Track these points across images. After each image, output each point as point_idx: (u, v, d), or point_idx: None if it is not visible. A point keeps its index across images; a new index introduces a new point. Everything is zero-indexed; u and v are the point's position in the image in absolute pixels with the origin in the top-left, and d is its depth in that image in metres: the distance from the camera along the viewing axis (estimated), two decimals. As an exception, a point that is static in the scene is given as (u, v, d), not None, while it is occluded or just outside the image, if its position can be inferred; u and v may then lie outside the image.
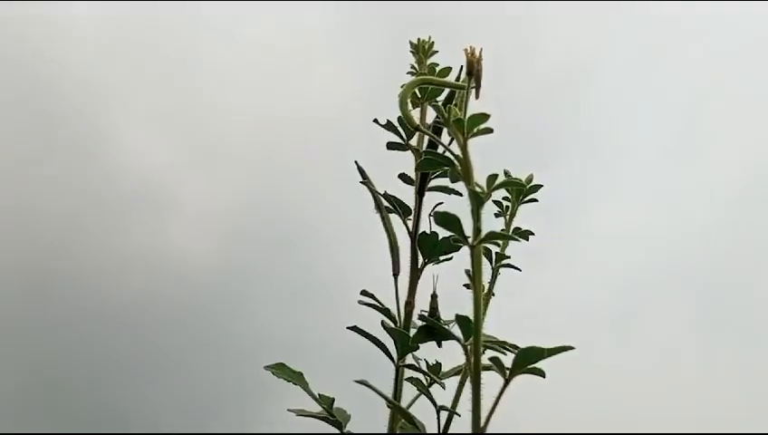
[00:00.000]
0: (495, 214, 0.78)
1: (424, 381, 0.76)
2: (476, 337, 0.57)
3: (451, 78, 0.86)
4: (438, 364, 0.77)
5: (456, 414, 0.71)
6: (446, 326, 0.65)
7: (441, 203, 0.83)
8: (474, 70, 0.62)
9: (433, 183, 0.83)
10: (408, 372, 0.75)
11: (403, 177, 0.84)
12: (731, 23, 2.19)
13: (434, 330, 0.63)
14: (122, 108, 2.39)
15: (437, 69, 0.87)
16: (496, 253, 0.76)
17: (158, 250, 2.41)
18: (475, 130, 0.62)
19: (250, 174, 2.41)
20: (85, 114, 2.37)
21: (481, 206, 0.58)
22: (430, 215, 0.82)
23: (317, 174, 2.33)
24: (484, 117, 0.62)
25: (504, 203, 0.78)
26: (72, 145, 2.37)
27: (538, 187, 0.76)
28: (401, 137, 0.84)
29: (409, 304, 0.78)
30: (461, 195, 0.82)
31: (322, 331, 2.35)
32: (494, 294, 0.75)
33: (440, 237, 0.78)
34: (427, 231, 0.79)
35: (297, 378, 0.77)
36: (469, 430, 0.73)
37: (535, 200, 0.76)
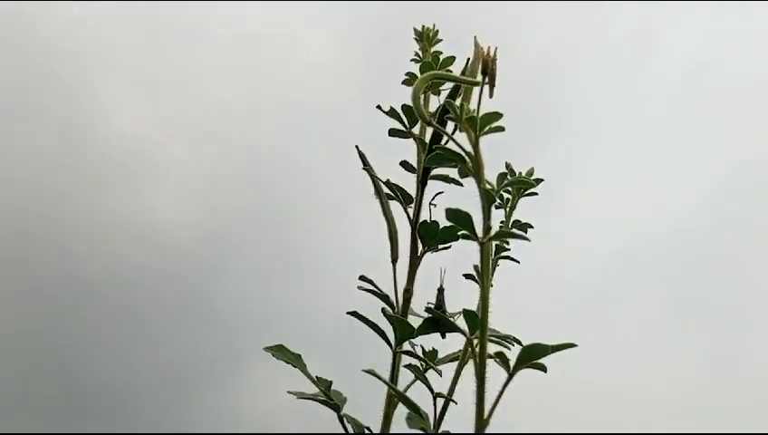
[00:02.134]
0: (496, 206, 0.79)
1: (420, 367, 0.78)
2: (483, 332, 0.59)
3: (455, 68, 0.87)
4: (435, 351, 0.78)
5: (453, 402, 0.73)
6: (452, 319, 0.66)
7: (441, 192, 0.84)
8: (488, 69, 0.62)
9: (434, 171, 0.84)
10: (406, 359, 0.77)
11: (405, 164, 0.85)
12: (719, 12, 2.21)
13: (439, 322, 0.65)
14: (106, 76, 2.36)
15: (441, 57, 0.87)
16: (496, 245, 0.77)
17: (138, 219, 2.39)
18: (487, 128, 0.63)
19: (233, 145, 2.40)
20: (67, 82, 2.33)
21: (492, 203, 0.59)
22: (431, 203, 0.83)
23: (301, 148, 2.33)
24: (497, 115, 0.63)
25: (505, 195, 0.79)
26: (53, 113, 2.34)
27: (539, 180, 0.77)
28: (404, 125, 0.85)
29: (408, 292, 0.80)
30: (462, 185, 0.83)
31: (300, 304, 2.36)
32: (492, 286, 0.77)
33: (441, 227, 0.79)
34: (428, 219, 0.80)
35: (296, 360, 0.78)
36: (465, 418, 0.76)
37: (535, 194, 0.78)
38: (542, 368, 0.60)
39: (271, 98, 2.34)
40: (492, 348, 0.60)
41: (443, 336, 0.68)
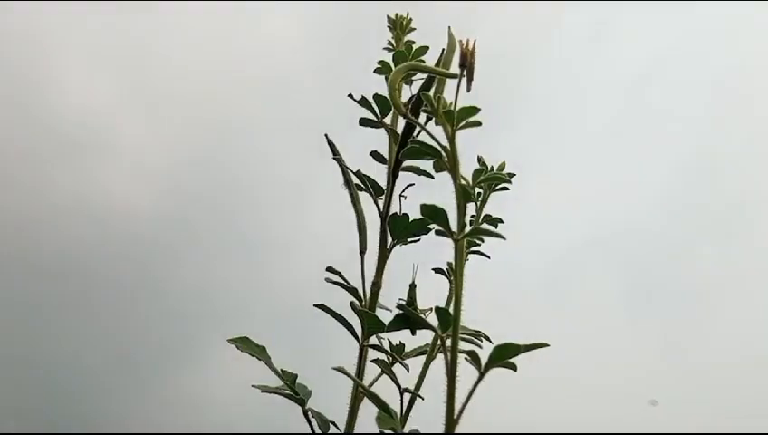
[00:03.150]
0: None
1: (387, 361, 0.77)
2: (455, 330, 0.58)
3: (428, 57, 0.85)
4: (402, 345, 0.78)
5: (420, 397, 0.72)
6: (422, 315, 0.65)
7: (412, 184, 0.83)
8: (467, 62, 0.61)
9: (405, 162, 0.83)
10: (373, 354, 0.76)
11: (375, 155, 0.84)
12: (676, 3, 2.23)
13: (410, 319, 0.64)
14: (59, 49, 2.29)
15: (414, 47, 0.86)
16: (467, 239, 0.76)
17: (93, 197, 2.34)
18: (464, 122, 0.62)
19: (190, 124, 2.35)
20: (22, 56, 2.26)
21: (469, 200, 0.58)
22: (401, 195, 0.82)
23: (262, 129, 2.29)
24: (474, 110, 0.62)
25: (476, 190, 0.78)
26: (6, 87, 2.26)
27: (512, 175, 0.76)
28: (375, 114, 0.84)
29: (376, 284, 0.79)
30: (433, 177, 0.82)
31: (255, 287, 2.34)
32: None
33: (411, 220, 0.78)
34: (398, 212, 0.79)
35: (260, 352, 0.77)
36: (431, 412, 0.75)
37: (507, 189, 0.77)
38: (513, 367, 0.59)
39: (232, 75, 2.30)
40: (462, 345, 0.59)
41: (413, 333, 0.67)
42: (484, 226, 0.69)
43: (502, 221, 0.77)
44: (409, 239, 0.80)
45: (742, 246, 2.13)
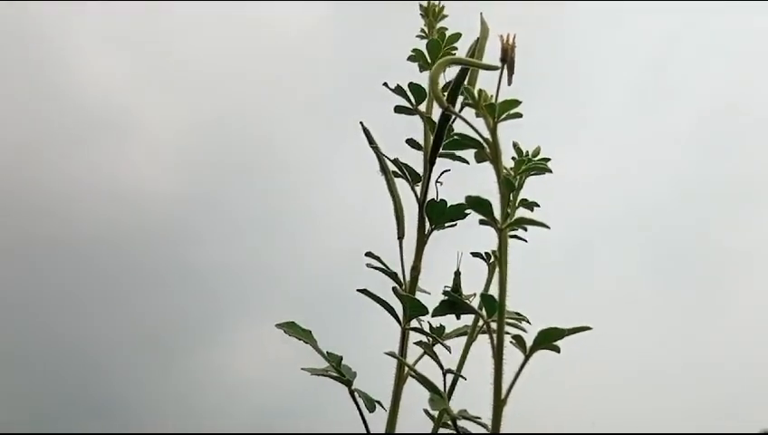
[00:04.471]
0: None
1: (428, 342, 0.80)
2: (500, 316, 0.61)
3: (461, 45, 0.87)
4: (442, 327, 0.80)
5: (462, 377, 0.75)
6: (467, 300, 0.68)
7: (448, 170, 0.85)
8: (507, 57, 0.63)
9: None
10: (414, 336, 0.78)
11: (411, 142, 0.86)
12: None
13: (456, 304, 0.66)
14: (81, 31, 2.31)
15: (447, 34, 0.88)
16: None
17: (116, 176, 2.37)
18: (505, 114, 0.64)
19: (213, 102, 2.37)
20: (44, 36, 2.28)
21: (512, 190, 0.61)
22: (437, 181, 0.84)
23: (280, 103, 2.31)
24: (516, 103, 0.64)
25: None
26: (29, 68, 2.29)
27: (547, 160, 0.78)
28: (410, 102, 0.86)
29: (415, 269, 0.81)
30: (468, 163, 0.84)
31: (279, 262, 2.37)
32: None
33: (448, 205, 0.81)
34: (435, 198, 0.82)
35: (306, 336, 0.80)
36: (472, 393, 0.78)
37: (544, 173, 0.78)
38: (557, 349, 0.62)
39: (252, 54, 2.32)
40: (513, 334, 0.62)
41: (458, 318, 0.69)
42: (525, 213, 0.71)
43: (538, 205, 0.79)
44: (446, 224, 0.83)
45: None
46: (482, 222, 0.62)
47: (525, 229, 0.66)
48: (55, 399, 2.32)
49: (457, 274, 0.71)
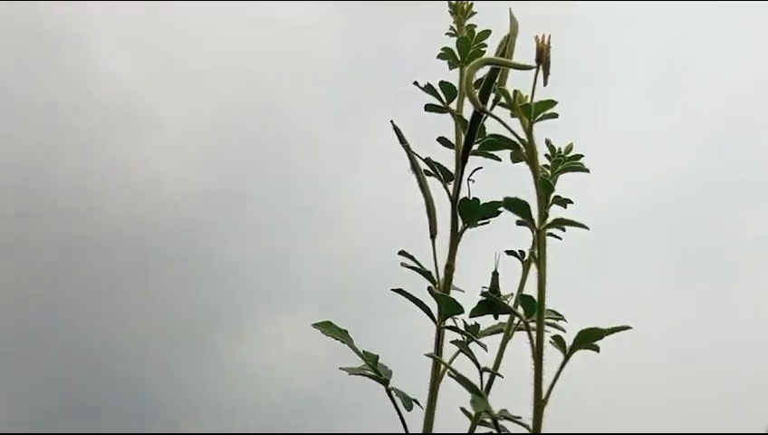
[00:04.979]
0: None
1: (463, 340, 0.80)
2: (540, 316, 0.61)
3: (490, 42, 0.87)
4: (477, 325, 0.81)
5: (499, 375, 0.75)
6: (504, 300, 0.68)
7: (480, 168, 0.85)
8: (543, 57, 0.63)
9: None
10: (450, 335, 0.79)
11: (442, 140, 0.86)
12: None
13: (494, 305, 0.67)
14: (100, 29, 2.32)
15: (476, 31, 0.88)
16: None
17: (135, 172, 2.39)
18: (541, 114, 0.64)
19: (229, 96, 2.38)
20: (62, 33, 2.29)
21: (551, 192, 0.61)
22: (469, 179, 0.85)
23: (299, 96, 2.32)
24: (552, 103, 0.64)
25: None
26: (48, 64, 2.31)
27: (580, 156, 0.78)
28: (441, 100, 0.86)
29: (449, 267, 0.82)
30: (500, 160, 0.85)
31: (299, 257, 2.38)
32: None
33: (481, 203, 0.81)
34: (468, 196, 0.82)
35: (343, 335, 0.80)
36: (506, 391, 0.78)
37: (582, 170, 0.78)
38: (596, 349, 0.62)
39: (271, 50, 2.32)
40: (553, 334, 0.62)
41: (495, 317, 0.70)
42: (559, 211, 0.71)
43: (571, 202, 0.79)
44: (479, 222, 0.83)
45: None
46: (519, 223, 0.62)
47: (564, 229, 0.66)
48: (81, 394, 2.34)
49: (495, 274, 0.71)
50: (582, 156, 0.79)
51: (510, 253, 0.78)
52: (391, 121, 0.89)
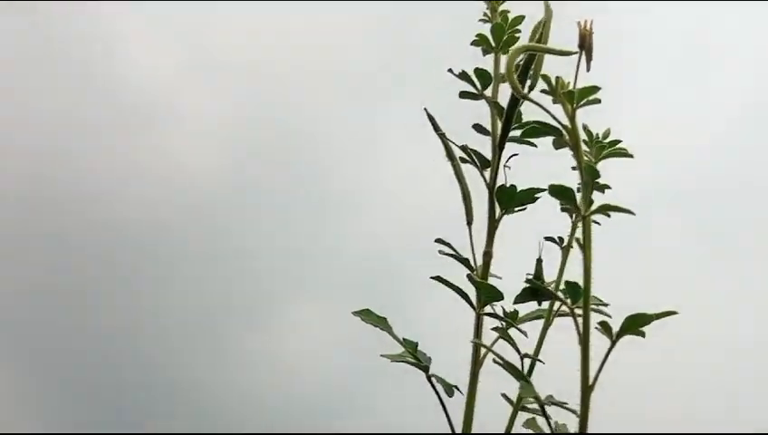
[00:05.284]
0: (573, 167, 0.81)
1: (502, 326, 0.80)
2: (586, 302, 0.61)
3: (524, 28, 0.87)
4: (516, 311, 0.81)
5: (540, 361, 0.76)
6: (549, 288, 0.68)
7: (516, 155, 0.85)
8: (585, 43, 0.63)
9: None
10: (489, 322, 0.79)
11: (477, 127, 0.86)
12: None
13: (538, 292, 0.67)
14: (122, 17, 2.32)
15: (510, 17, 0.87)
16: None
17: (164, 161, 2.40)
18: (584, 100, 0.64)
19: (253, 85, 2.38)
20: (85, 23, 2.30)
21: (596, 178, 0.61)
22: (505, 165, 0.85)
23: (324, 86, 2.31)
24: (595, 89, 0.64)
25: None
26: (71, 55, 2.32)
27: (618, 141, 0.77)
28: (476, 87, 0.86)
29: (487, 254, 0.82)
30: (536, 146, 0.84)
31: (326, 246, 2.39)
32: (572, 247, 0.79)
33: (518, 190, 0.81)
34: (505, 183, 0.82)
35: (382, 323, 0.81)
36: (547, 376, 0.79)
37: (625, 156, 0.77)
38: (642, 335, 0.62)
39: (296, 38, 2.32)
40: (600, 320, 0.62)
41: (539, 304, 0.70)
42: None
43: (609, 187, 0.79)
44: (516, 209, 0.83)
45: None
46: (564, 209, 0.62)
47: (609, 216, 0.66)
48: (112, 381, 2.37)
49: (539, 261, 0.71)
50: (621, 141, 0.79)
51: (548, 239, 0.78)
52: (425, 109, 0.89)
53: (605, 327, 0.61)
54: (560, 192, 0.60)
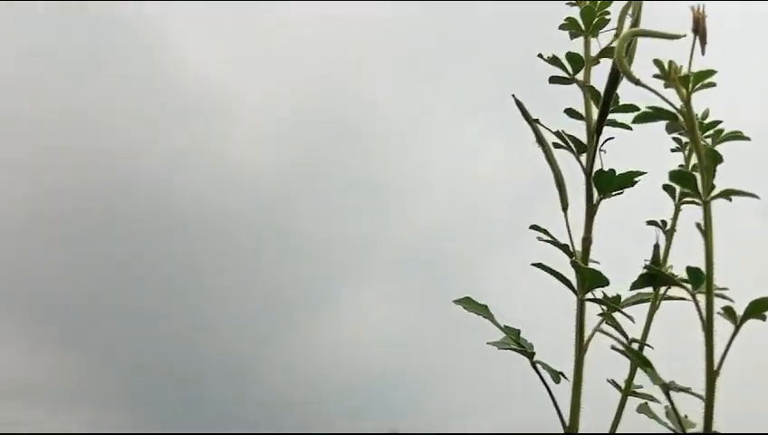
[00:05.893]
0: (672, 149, 0.80)
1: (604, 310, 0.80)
2: (708, 287, 0.61)
3: (612, 10, 0.86)
4: (618, 296, 0.81)
5: (649, 346, 0.76)
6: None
7: (612, 138, 0.85)
8: (699, 27, 0.62)
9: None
10: (593, 308, 0.79)
11: (570, 111, 0.86)
12: None
13: (657, 277, 0.67)
14: (182, 11, 2.34)
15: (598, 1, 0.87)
16: (680, 191, 0.78)
17: (217, 154, 2.42)
18: (699, 84, 0.63)
19: (310, 77, 2.39)
20: (145, 17, 2.33)
21: (719, 162, 0.60)
22: (600, 150, 0.84)
23: (379, 78, 2.32)
24: (710, 73, 0.63)
25: (683, 139, 0.80)
26: (132, 49, 2.34)
27: (719, 122, 0.77)
28: (567, 72, 0.86)
29: (587, 240, 0.82)
30: (632, 129, 0.84)
31: (382, 232, 2.40)
32: (675, 231, 0.78)
33: (617, 174, 0.81)
34: (602, 167, 0.82)
35: (483, 311, 0.81)
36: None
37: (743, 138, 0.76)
38: (764, 318, 0.62)
39: (349, 33, 2.32)
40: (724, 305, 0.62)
41: (655, 290, 0.70)
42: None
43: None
44: (613, 193, 0.83)
45: None
46: (684, 194, 0.62)
47: (730, 200, 0.65)
48: (176, 364, 2.41)
49: (656, 246, 0.71)
50: (721, 121, 0.78)
51: (651, 223, 0.78)
52: (513, 96, 0.89)
53: (729, 312, 0.61)
54: (681, 178, 0.60)
